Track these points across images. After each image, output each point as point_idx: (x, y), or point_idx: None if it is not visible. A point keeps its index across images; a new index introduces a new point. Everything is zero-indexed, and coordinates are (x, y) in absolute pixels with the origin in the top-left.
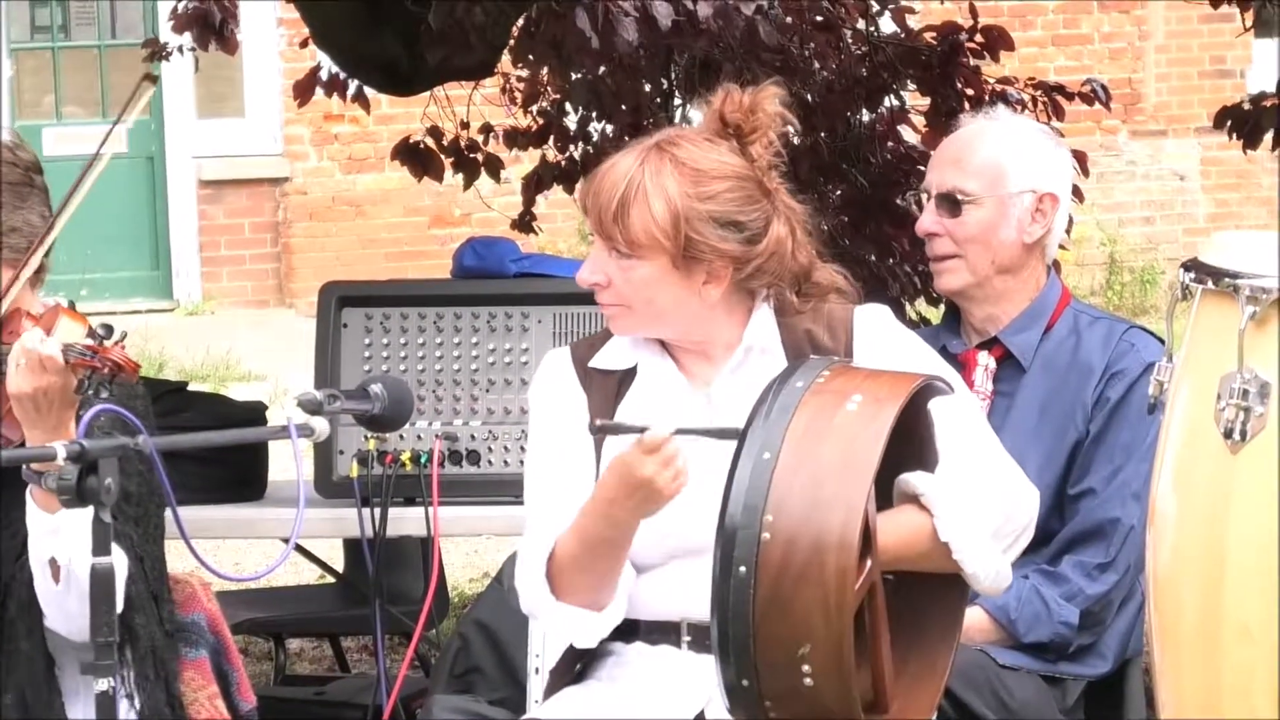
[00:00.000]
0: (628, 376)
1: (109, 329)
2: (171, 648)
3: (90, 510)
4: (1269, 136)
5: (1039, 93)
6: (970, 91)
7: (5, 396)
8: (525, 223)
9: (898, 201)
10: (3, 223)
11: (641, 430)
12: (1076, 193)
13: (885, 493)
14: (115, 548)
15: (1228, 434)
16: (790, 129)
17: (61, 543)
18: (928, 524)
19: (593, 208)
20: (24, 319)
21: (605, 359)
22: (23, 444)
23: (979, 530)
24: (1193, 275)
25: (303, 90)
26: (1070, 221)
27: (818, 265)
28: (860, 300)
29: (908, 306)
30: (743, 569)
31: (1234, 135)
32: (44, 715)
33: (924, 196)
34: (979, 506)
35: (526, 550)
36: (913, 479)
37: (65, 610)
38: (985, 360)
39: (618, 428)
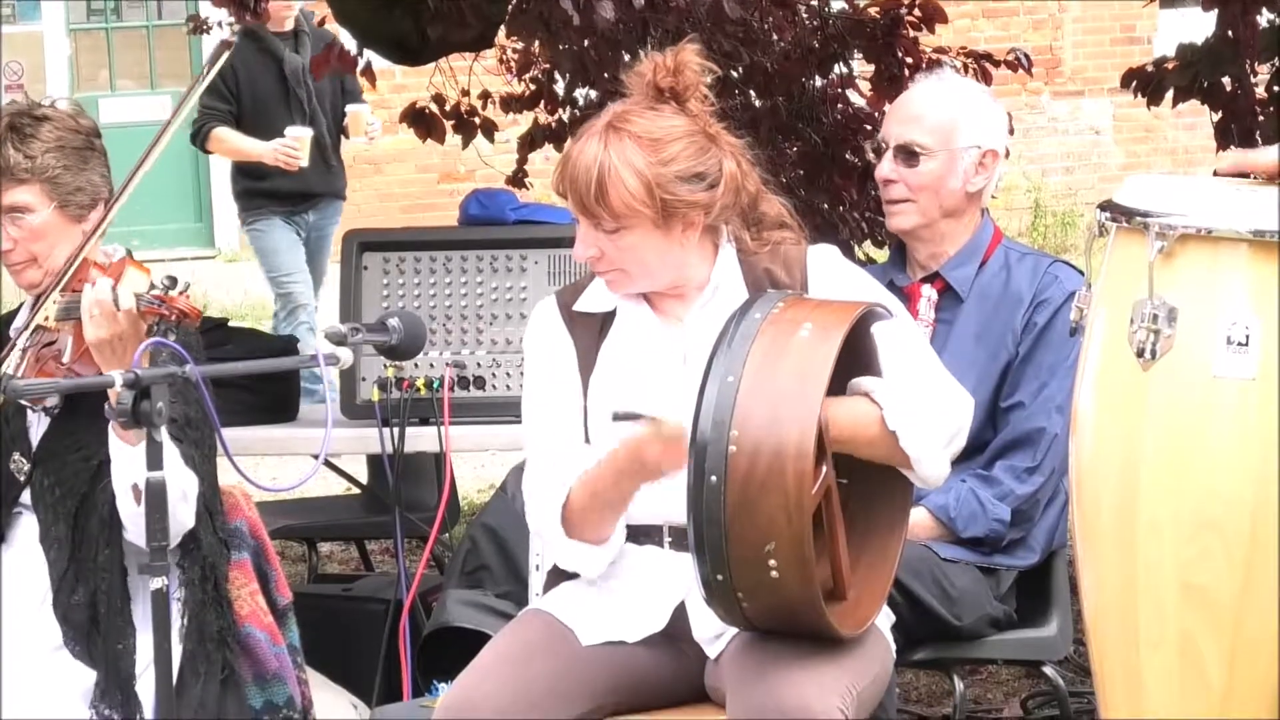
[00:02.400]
0: (608, 319)
1: (173, 279)
2: (220, 553)
3: (163, 441)
4: (1169, 95)
5: (970, 60)
6: (910, 60)
7: (80, 338)
8: (519, 179)
9: (847, 156)
10: (69, 183)
11: (652, 418)
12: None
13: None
14: (186, 470)
15: (1140, 353)
16: (716, 74)
17: (142, 470)
18: (877, 414)
19: (572, 194)
20: (92, 268)
21: (588, 303)
22: None
23: (922, 421)
24: (1108, 215)
25: (319, 65)
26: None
27: (765, 194)
28: (805, 232)
29: (856, 248)
30: (714, 478)
31: (1139, 94)
32: (115, 616)
33: (882, 146)
34: (922, 402)
35: (539, 492)
36: (863, 381)
37: (141, 527)
38: (928, 292)
39: (634, 415)
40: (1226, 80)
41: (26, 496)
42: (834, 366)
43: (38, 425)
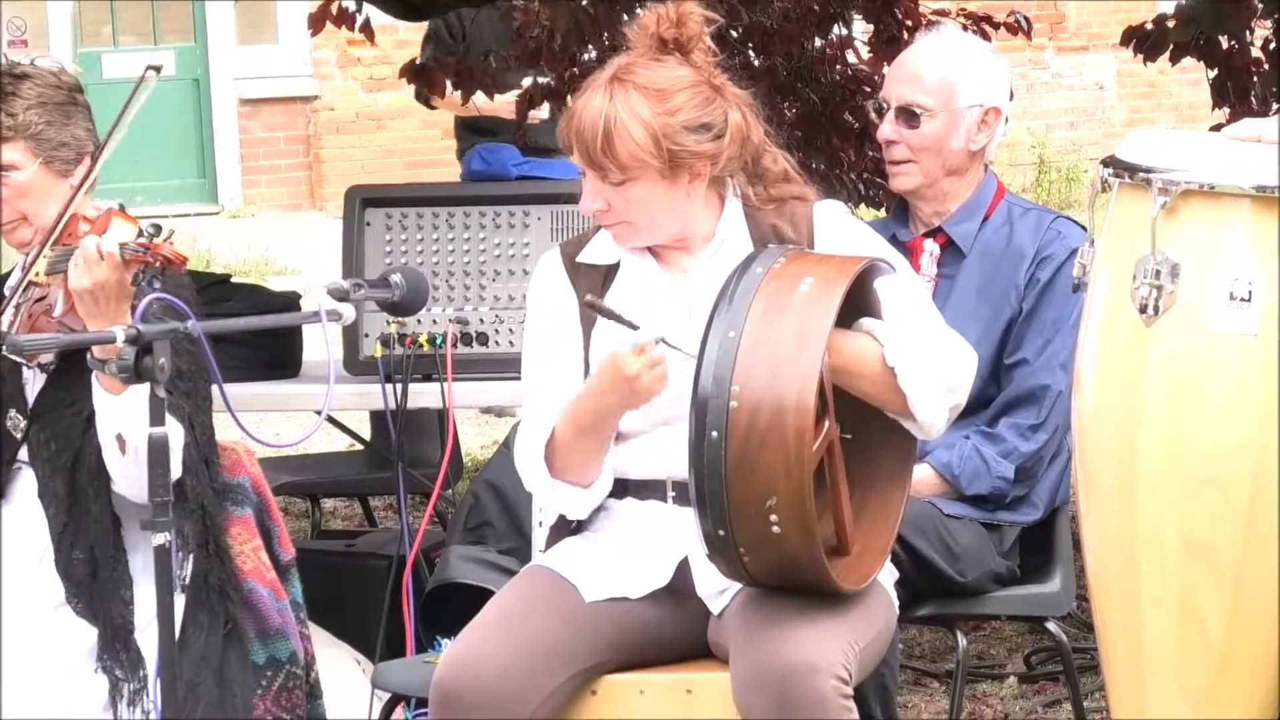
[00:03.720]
0: (612, 270)
1: (158, 228)
2: (218, 505)
3: (147, 389)
4: (1166, 53)
5: (969, 22)
6: (909, 22)
7: (70, 292)
8: (519, 138)
9: (845, 117)
10: (53, 139)
11: (632, 325)
12: None
13: None
14: (170, 419)
15: (1142, 309)
16: (718, 24)
17: (126, 420)
18: (879, 350)
19: (579, 147)
20: (80, 222)
21: (591, 254)
22: None
23: (922, 362)
24: (1111, 170)
25: (316, 21)
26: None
27: (769, 147)
28: (812, 185)
29: (852, 210)
30: (714, 433)
31: (1137, 52)
32: (110, 569)
33: (883, 106)
34: (923, 346)
35: (526, 434)
36: (866, 322)
37: (130, 477)
38: (930, 247)
39: (609, 312)
40: (1224, 39)
41: (25, 453)
42: (836, 321)
43: (34, 382)
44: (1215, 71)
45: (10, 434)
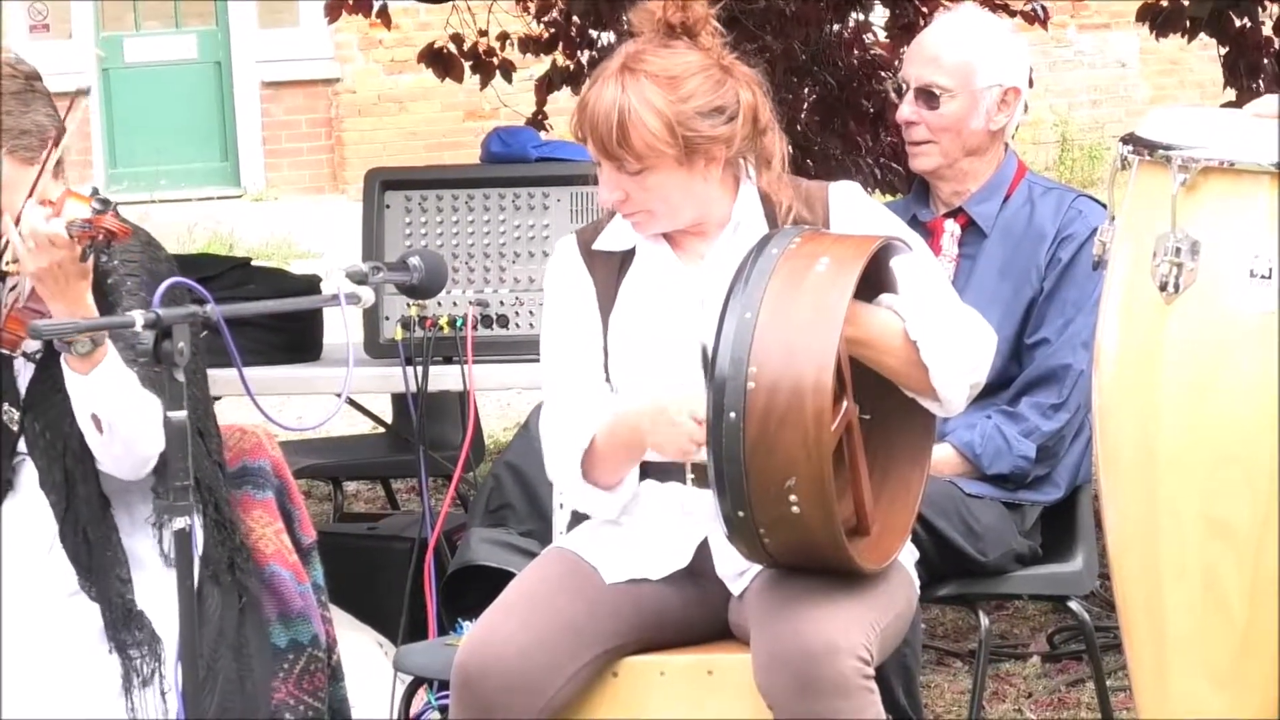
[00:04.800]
0: (628, 256)
1: (105, 201)
2: (216, 476)
3: (115, 367)
4: (1182, 32)
5: (986, 9)
6: (925, 8)
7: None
8: (538, 122)
9: (862, 102)
10: (14, 127)
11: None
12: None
13: None
14: (145, 392)
15: (1162, 287)
16: (722, 2)
17: (98, 398)
18: (900, 325)
19: (594, 139)
20: (45, 206)
21: (607, 241)
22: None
23: (945, 336)
24: (1130, 148)
25: (333, 10)
26: (1025, 107)
27: (774, 127)
28: (797, 175)
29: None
30: (733, 414)
31: (1151, 28)
32: (104, 550)
33: (903, 87)
34: (946, 321)
35: (558, 433)
36: (885, 298)
37: (112, 455)
38: (951, 227)
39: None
40: (1236, 18)
41: (24, 445)
42: (852, 300)
43: (25, 374)
44: (1226, 49)
45: (7, 427)
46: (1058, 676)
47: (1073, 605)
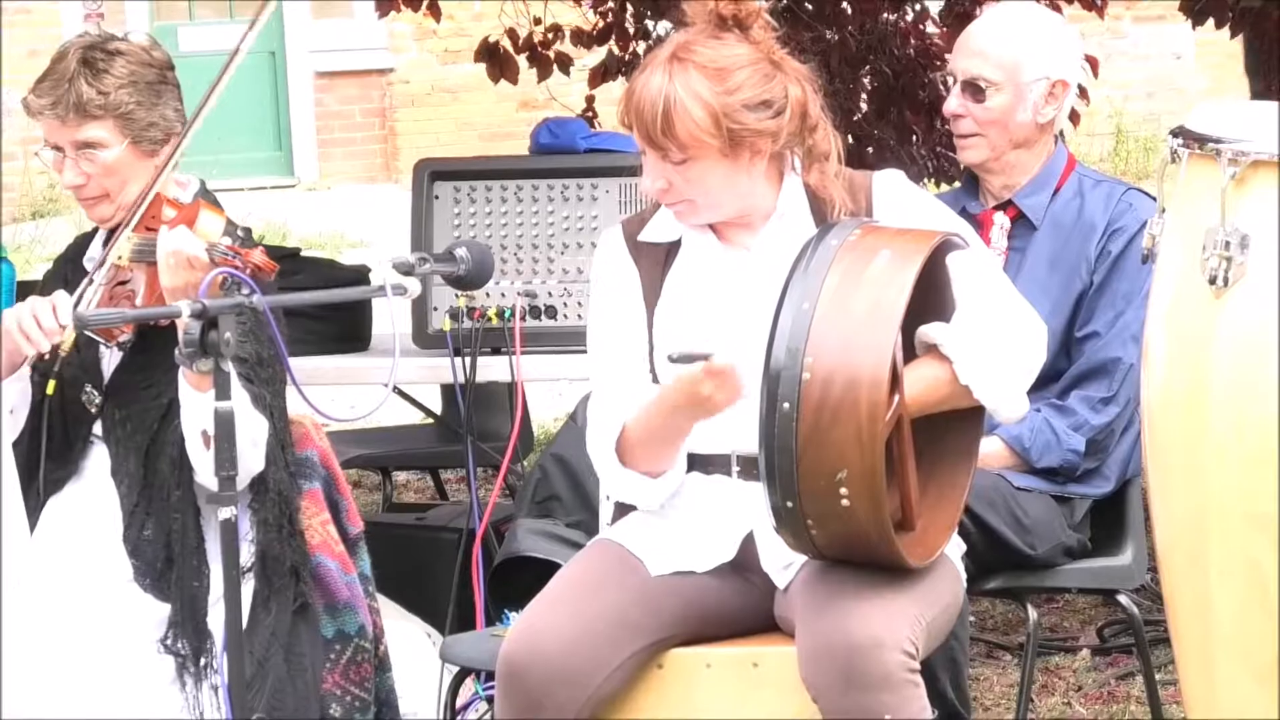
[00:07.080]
0: (674, 248)
1: (248, 231)
2: (292, 487)
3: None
4: (1212, 21)
5: (1036, 1)
6: None
7: (154, 281)
8: (588, 118)
9: (917, 91)
10: (142, 119)
11: (707, 357)
12: (1091, 63)
13: (909, 340)
14: (256, 414)
15: (1212, 280)
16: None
17: (210, 417)
18: (948, 371)
19: (639, 127)
20: (165, 205)
21: (652, 232)
22: None
23: (995, 368)
24: (1180, 141)
25: (383, 5)
26: (1085, 92)
27: (824, 123)
28: (869, 165)
29: (924, 184)
30: (786, 405)
31: (1188, 16)
32: (191, 558)
33: (950, 79)
34: (993, 346)
35: (597, 424)
36: (930, 330)
37: (212, 469)
38: (1001, 220)
39: (688, 357)
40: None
41: (98, 428)
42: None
43: (110, 358)
44: (1259, 43)
45: (86, 407)
46: (1107, 670)
47: (1122, 599)
